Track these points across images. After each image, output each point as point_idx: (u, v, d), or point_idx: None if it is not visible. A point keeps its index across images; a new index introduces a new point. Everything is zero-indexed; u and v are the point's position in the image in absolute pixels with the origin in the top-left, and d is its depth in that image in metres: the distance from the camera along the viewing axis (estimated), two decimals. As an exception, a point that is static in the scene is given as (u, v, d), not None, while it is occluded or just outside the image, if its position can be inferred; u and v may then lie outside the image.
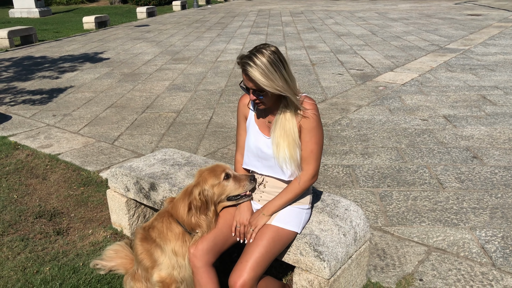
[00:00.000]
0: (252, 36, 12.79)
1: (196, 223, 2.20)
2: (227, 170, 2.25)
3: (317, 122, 2.13)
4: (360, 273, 2.50)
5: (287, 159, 2.12)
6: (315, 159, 2.17)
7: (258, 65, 1.93)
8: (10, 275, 2.78)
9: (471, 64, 8.33)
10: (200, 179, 2.25)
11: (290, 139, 2.11)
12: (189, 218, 2.21)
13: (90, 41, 12.81)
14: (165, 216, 2.35)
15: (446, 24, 13.83)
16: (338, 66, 8.55)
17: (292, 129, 2.09)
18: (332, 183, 3.89)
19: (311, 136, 2.13)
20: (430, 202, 3.54)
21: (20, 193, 3.90)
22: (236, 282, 2.04)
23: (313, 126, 2.12)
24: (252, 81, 1.98)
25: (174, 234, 2.27)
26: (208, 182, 2.22)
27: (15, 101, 6.87)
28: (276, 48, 2.02)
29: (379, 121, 5.43)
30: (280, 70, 1.96)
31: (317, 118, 2.13)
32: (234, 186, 2.24)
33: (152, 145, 4.90)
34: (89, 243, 3.15)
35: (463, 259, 2.83)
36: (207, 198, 2.21)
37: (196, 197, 2.20)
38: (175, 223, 2.29)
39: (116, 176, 3.07)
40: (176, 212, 2.28)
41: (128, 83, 7.76)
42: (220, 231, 2.20)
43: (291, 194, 2.19)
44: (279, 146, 2.11)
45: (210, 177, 2.23)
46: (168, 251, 2.28)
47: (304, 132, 2.13)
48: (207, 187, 2.21)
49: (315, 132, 2.13)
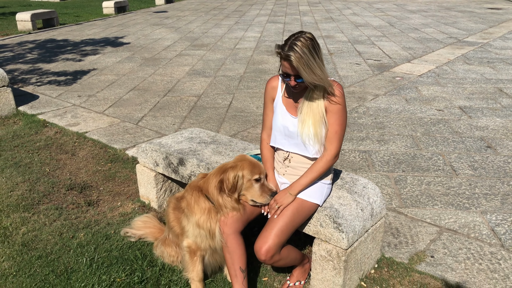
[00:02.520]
0: (270, 25, 12.88)
1: (223, 202, 2.33)
2: (261, 175, 2.36)
3: (343, 105, 2.28)
4: (375, 247, 2.66)
5: (311, 135, 2.27)
6: (338, 139, 2.32)
7: (300, 54, 2.07)
8: (48, 239, 3.00)
9: (489, 58, 8.35)
10: (239, 164, 2.37)
11: (316, 118, 2.26)
12: (217, 196, 2.34)
13: (110, 26, 13.02)
14: (195, 190, 2.46)
15: (465, 17, 13.75)
16: (356, 56, 8.63)
17: (318, 108, 2.25)
18: (349, 166, 4.04)
19: (336, 118, 2.28)
20: (443, 187, 3.67)
21: (52, 167, 4.12)
22: (261, 247, 2.22)
23: (339, 108, 2.27)
24: (294, 69, 2.12)
25: (200, 208, 2.40)
26: (245, 171, 2.34)
27: (41, 81, 7.11)
28: (312, 34, 2.17)
29: (395, 110, 5.54)
30: (318, 56, 2.12)
31: (343, 101, 2.28)
32: (257, 192, 2.35)
33: (174, 127, 5.09)
34: (119, 214, 3.35)
35: (473, 239, 2.98)
36: (238, 183, 2.33)
37: (229, 178, 2.32)
38: (203, 198, 2.41)
39: (146, 151, 3.26)
40: (206, 187, 2.40)
41: (149, 67, 7.95)
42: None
43: (316, 173, 2.34)
44: (304, 123, 2.27)
45: (247, 168, 2.34)
46: (193, 222, 2.43)
47: (330, 114, 2.28)
48: (241, 174, 2.33)
49: (340, 114, 2.28)
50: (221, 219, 2.32)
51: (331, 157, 2.34)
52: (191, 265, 2.47)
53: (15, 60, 8.62)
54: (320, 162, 2.34)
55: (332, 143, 2.32)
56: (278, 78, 2.46)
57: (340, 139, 2.34)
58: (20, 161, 4.20)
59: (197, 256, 2.45)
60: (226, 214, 2.32)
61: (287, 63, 2.13)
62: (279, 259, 2.30)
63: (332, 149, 2.33)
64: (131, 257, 2.79)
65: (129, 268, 2.69)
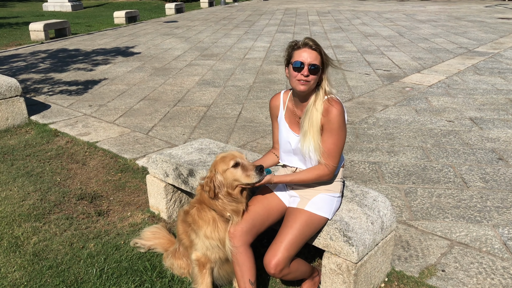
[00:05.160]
0: (279, 35, 12.94)
1: (222, 207, 2.33)
2: (236, 159, 2.31)
3: (339, 123, 2.25)
4: (385, 260, 2.64)
5: (312, 148, 2.27)
6: (333, 157, 2.29)
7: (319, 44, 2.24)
8: (59, 249, 3.02)
9: (500, 68, 8.30)
10: (211, 166, 2.40)
11: (315, 130, 2.27)
12: (214, 202, 2.35)
13: (121, 36, 13.17)
14: (197, 203, 2.48)
15: (475, 27, 13.70)
16: (365, 66, 8.63)
17: (317, 121, 2.26)
18: (359, 178, 4.03)
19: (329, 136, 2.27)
20: (454, 199, 3.64)
21: (63, 176, 4.16)
22: (270, 261, 2.22)
23: (333, 127, 2.26)
24: (313, 53, 2.19)
25: (205, 220, 2.40)
26: (219, 168, 2.33)
27: (53, 91, 7.20)
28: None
29: (405, 121, 5.52)
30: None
31: (341, 120, 2.25)
32: (241, 175, 2.28)
33: (184, 137, 5.12)
34: (128, 224, 3.36)
35: (485, 253, 2.94)
36: (215, 183, 2.31)
37: (207, 181, 2.34)
38: (207, 209, 2.41)
39: (156, 162, 3.28)
40: (203, 197, 2.42)
41: (159, 77, 8.02)
42: (258, 214, 2.38)
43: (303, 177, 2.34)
44: (306, 137, 2.28)
45: (220, 164, 2.34)
46: (201, 236, 2.44)
47: (325, 132, 2.27)
48: (215, 169, 2.34)
49: (335, 132, 2.26)
50: (230, 231, 2.32)
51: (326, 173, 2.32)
52: (200, 277, 2.47)
53: (27, 70, 8.75)
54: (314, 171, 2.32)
55: (325, 157, 2.29)
56: (279, 97, 2.49)
57: (335, 157, 2.30)
58: (32, 171, 4.25)
59: (206, 268, 2.46)
60: (235, 222, 2.32)
61: (307, 48, 2.20)
62: (289, 272, 2.29)
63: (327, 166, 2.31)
64: (141, 268, 2.80)
65: (138, 279, 2.70)
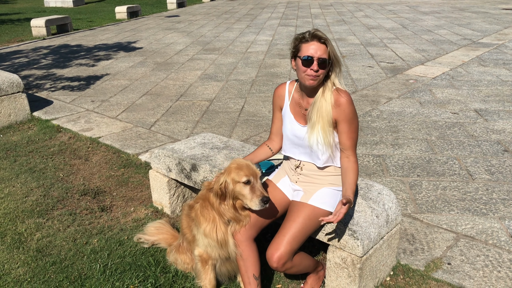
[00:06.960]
0: (281, 28, 12.86)
1: (222, 211, 2.29)
2: (250, 177, 2.22)
3: (353, 112, 2.26)
4: (391, 254, 2.62)
5: (321, 140, 2.23)
6: (355, 145, 2.31)
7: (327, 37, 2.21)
8: (62, 245, 3.01)
9: (505, 59, 8.23)
10: (227, 169, 2.30)
11: (325, 123, 2.23)
12: (217, 205, 2.31)
13: (122, 31, 13.13)
14: (202, 199, 2.44)
15: (479, 18, 13.58)
16: (368, 59, 8.57)
17: (328, 113, 2.21)
18: (363, 171, 4.00)
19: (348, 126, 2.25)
20: (460, 192, 3.61)
21: (65, 172, 4.15)
22: (273, 254, 2.20)
23: (349, 117, 2.24)
24: (322, 47, 2.16)
25: (206, 218, 2.37)
26: (231, 175, 2.25)
27: (55, 87, 7.18)
28: None
29: (409, 113, 5.48)
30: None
31: (353, 108, 2.26)
32: (248, 196, 2.21)
33: (187, 131, 5.09)
34: (132, 220, 3.35)
35: (491, 246, 2.91)
36: (226, 189, 2.25)
37: (218, 184, 2.26)
38: (210, 207, 2.37)
39: (159, 157, 3.26)
40: (208, 196, 2.37)
41: (162, 72, 7.99)
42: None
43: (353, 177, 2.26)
44: (314, 129, 2.24)
45: (234, 173, 2.25)
46: (201, 232, 2.41)
47: (341, 122, 2.25)
48: (229, 179, 2.25)
49: (352, 121, 2.26)
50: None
51: (357, 163, 2.31)
52: (203, 273, 2.45)
53: (29, 66, 8.73)
54: (350, 163, 2.28)
55: (354, 150, 2.30)
56: (285, 87, 2.45)
57: (356, 145, 2.32)
58: (35, 167, 4.24)
59: (208, 264, 2.44)
60: (236, 227, 2.30)
61: (315, 41, 2.16)
62: (292, 266, 2.27)
63: (354, 154, 2.31)
64: (144, 264, 2.79)
65: (142, 275, 2.69)
